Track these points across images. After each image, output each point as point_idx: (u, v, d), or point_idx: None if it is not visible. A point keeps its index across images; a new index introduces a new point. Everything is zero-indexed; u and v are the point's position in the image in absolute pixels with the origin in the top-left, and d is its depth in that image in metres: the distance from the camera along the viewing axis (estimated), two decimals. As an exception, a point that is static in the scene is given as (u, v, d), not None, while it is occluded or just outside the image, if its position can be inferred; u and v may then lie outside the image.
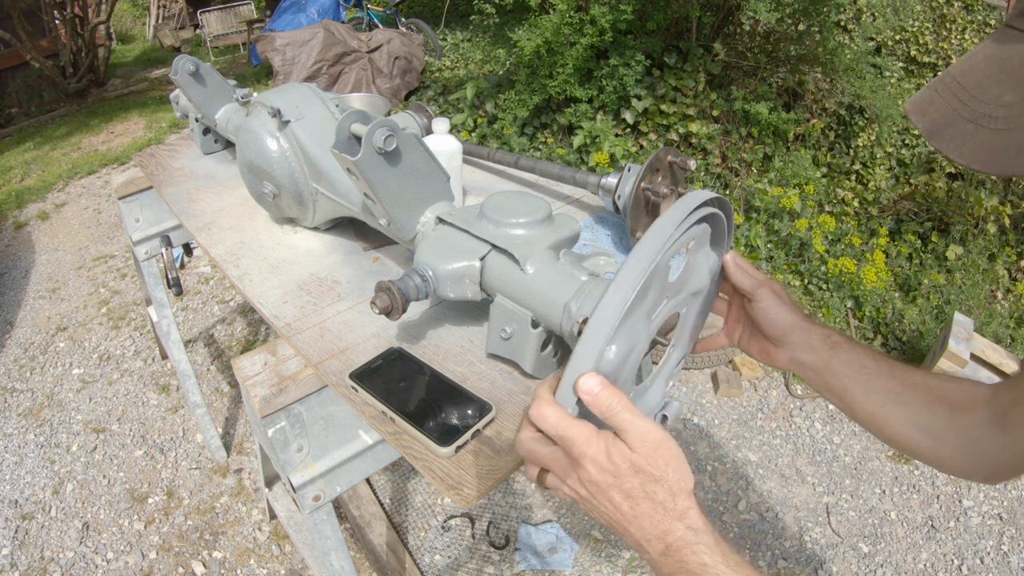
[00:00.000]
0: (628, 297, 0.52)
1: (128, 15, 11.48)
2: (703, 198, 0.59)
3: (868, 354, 0.71)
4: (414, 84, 5.30)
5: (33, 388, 2.59)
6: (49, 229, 3.98)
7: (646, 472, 0.50)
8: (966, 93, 0.47)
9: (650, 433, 0.51)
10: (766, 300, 0.71)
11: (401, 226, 0.91)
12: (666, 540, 0.50)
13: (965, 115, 0.47)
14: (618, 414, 0.51)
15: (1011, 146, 0.43)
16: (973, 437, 0.66)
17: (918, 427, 0.68)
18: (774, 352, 0.75)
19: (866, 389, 0.70)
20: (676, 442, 0.52)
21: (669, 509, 0.50)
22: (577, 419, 0.53)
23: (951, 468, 0.70)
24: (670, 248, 0.55)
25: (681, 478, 0.51)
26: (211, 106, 1.44)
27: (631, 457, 0.50)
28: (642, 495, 0.51)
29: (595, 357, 0.52)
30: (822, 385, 0.73)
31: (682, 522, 0.50)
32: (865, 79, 3.40)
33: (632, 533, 0.52)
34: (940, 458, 0.69)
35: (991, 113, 0.45)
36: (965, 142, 0.46)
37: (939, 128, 0.48)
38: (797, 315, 0.72)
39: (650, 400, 0.72)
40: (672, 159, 1.15)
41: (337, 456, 0.90)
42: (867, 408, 0.70)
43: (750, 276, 0.72)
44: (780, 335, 0.72)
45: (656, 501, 0.50)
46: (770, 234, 3.10)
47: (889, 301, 2.77)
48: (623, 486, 0.51)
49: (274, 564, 1.85)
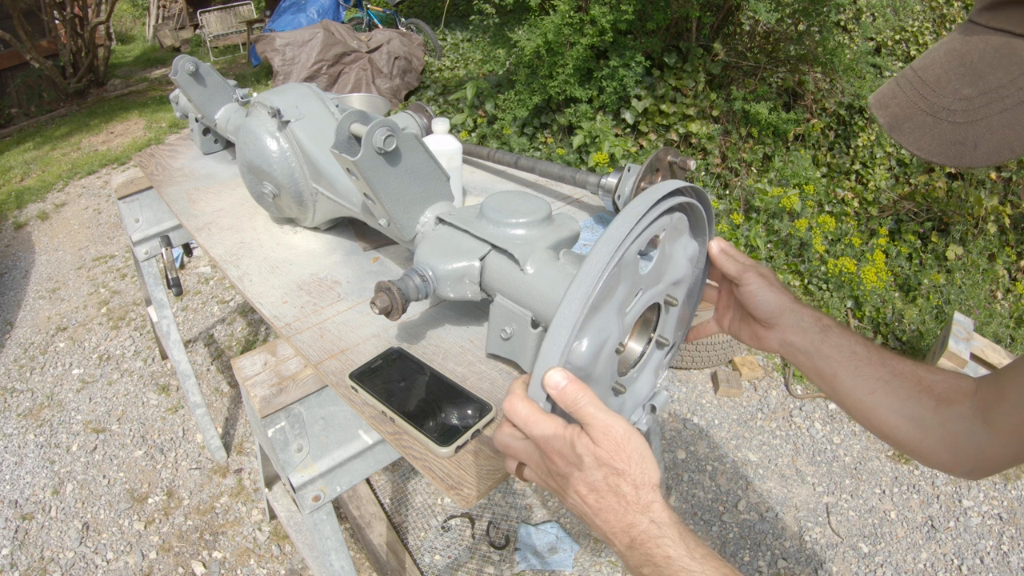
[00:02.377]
0: (589, 293, 0.53)
1: (128, 15, 11.49)
2: (666, 189, 0.59)
3: (859, 340, 0.71)
4: (414, 84, 5.30)
5: (33, 388, 2.59)
6: (49, 229, 3.98)
7: (609, 465, 0.51)
8: (926, 87, 0.48)
9: (614, 427, 0.51)
10: (753, 283, 0.71)
11: (401, 226, 0.91)
12: (631, 533, 0.51)
13: (924, 108, 0.47)
14: (583, 408, 0.52)
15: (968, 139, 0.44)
16: (957, 430, 0.66)
17: (904, 416, 0.68)
18: (764, 335, 0.74)
19: (855, 375, 0.70)
20: (641, 437, 0.53)
21: (632, 502, 0.51)
22: (547, 413, 0.53)
23: (934, 460, 0.70)
24: (634, 242, 0.56)
25: (645, 471, 0.51)
26: (211, 106, 1.44)
27: (595, 451, 0.51)
28: (606, 488, 0.51)
29: (559, 353, 0.53)
30: (812, 369, 0.72)
31: (646, 515, 0.50)
32: (865, 79, 3.40)
33: (599, 526, 0.52)
34: (923, 449, 0.69)
35: (950, 107, 0.46)
36: (924, 135, 0.47)
37: (899, 121, 0.49)
38: (786, 297, 0.72)
39: (639, 391, 0.72)
40: (672, 159, 1.16)
41: (337, 456, 0.90)
42: (855, 394, 0.70)
43: (736, 261, 0.72)
44: (770, 317, 0.72)
45: (620, 494, 0.51)
46: (770, 234, 3.10)
47: (889, 301, 2.77)
48: (587, 479, 0.51)
49: (274, 564, 1.85)
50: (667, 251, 0.65)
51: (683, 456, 2.19)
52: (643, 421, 0.74)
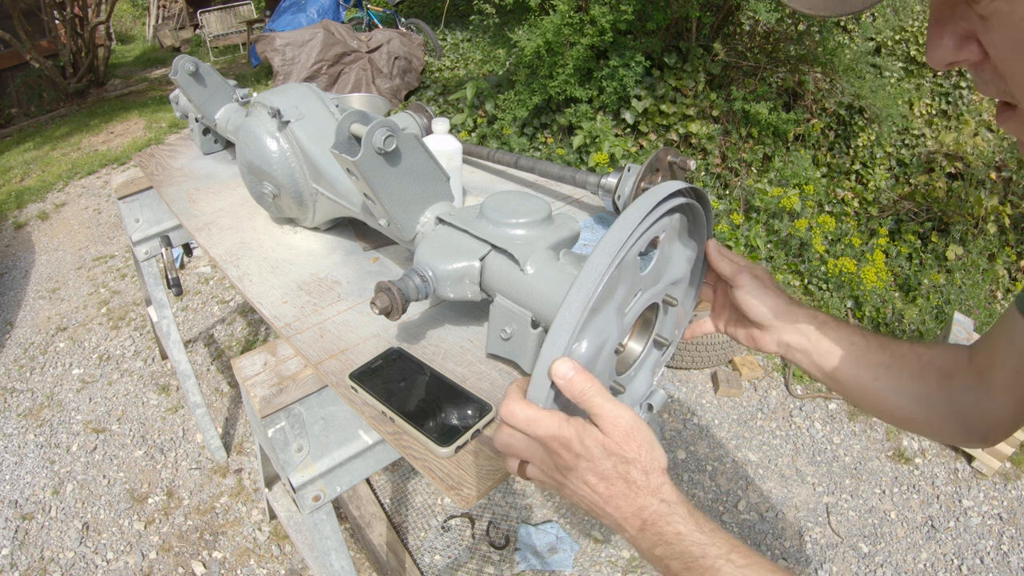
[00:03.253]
0: (590, 296, 0.53)
1: (128, 15, 11.49)
2: (668, 190, 0.59)
3: (856, 331, 0.71)
4: (414, 84, 5.30)
5: (33, 388, 2.59)
6: (49, 229, 3.98)
7: (619, 455, 0.51)
8: None
9: (622, 417, 0.52)
10: (747, 285, 0.71)
11: (401, 226, 0.91)
12: (642, 516, 0.51)
13: None
14: (591, 399, 0.52)
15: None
16: (962, 400, 0.66)
17: (910, 397, 0.69)
18: (760, 337, 0.74)
19: (857, 365, 0.70)
20: (647, 426, 0.53)
21: (642, 486, 0.51)
22: (547, 411, 0.54)
23: (945, 436, 0.70)
24: (635, 243, 0.56)
25: (654, 458, 0.52)
26: (211, 106, 1.44)
27: (603, 441, 0.52)
28: (616, 475, 0.52)
29: (559, 355, 0.53)
30: (812, 365, 0.72)
31: (656, 496, 0.51)
32: (865, 79, 3.40)
33: (610, 513, 0.53)
34: (933, 426, 0.70)
35: None
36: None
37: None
38: (781, 298, 0.72)
39: (636, 390, 0.73)
40: (672, 159, 1.16)
41: (337, 456, 0.90)
42: (859, 384, 0.70)
43: (731, 262, 0.72)
44: (764, 319, 0.72)
45: (629, 480, 0.52)
46: (770, 234, 3.10)
47: (889, 301, 2.77)
48: (596, 468, 0.52)
49: (274, 564, 1.85)
50: (666, 251, 0.65)
51: (683, 456, 2.19)
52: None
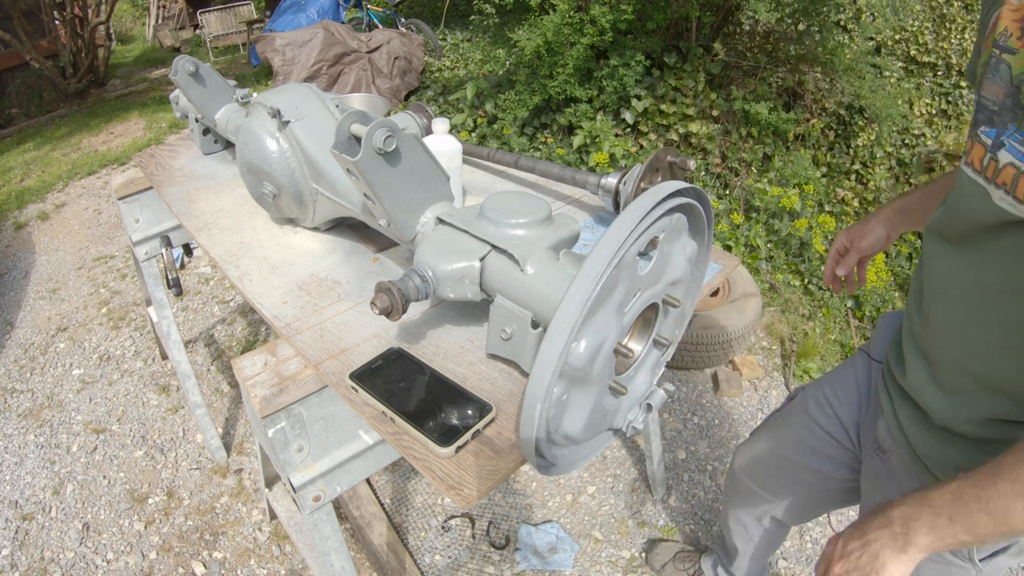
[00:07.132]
0: (588, 295, 0.53)
1: (128, 15, 11.49)
2: (667, 190, 0.59)
3: (923, 188, 0.99)
4: (414, 84, 5.30)
5: (33, 388, 2.59)
6: (49, 229, 3.98)
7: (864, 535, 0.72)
8: None
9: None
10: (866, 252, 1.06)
11: (401, 226, 0.91)
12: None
13: None
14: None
15: None
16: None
17: None
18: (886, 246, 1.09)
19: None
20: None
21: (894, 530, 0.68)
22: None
23: None
24: (633, 244, 0.56)
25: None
26: (211, 106, 1.44)
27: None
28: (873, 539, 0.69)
29: (557, 354, 0.54)
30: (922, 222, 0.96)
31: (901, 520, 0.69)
32: (865, 79, 3.40)
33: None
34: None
35: None
36: None
37: None
38: (881, 228, 1.03)
39: (635, 390, 0.73)
40: (672, 159, 1.16)
41: (337, 456, 0.90)
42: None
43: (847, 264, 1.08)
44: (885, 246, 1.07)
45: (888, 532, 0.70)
46: (770, 234, 3.10)
47: (889, 301, 2.77)
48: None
49: (274, 564, 1.85)
50: (666, 251, 0.65)
51: (683, 456, 2.19)
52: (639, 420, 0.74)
